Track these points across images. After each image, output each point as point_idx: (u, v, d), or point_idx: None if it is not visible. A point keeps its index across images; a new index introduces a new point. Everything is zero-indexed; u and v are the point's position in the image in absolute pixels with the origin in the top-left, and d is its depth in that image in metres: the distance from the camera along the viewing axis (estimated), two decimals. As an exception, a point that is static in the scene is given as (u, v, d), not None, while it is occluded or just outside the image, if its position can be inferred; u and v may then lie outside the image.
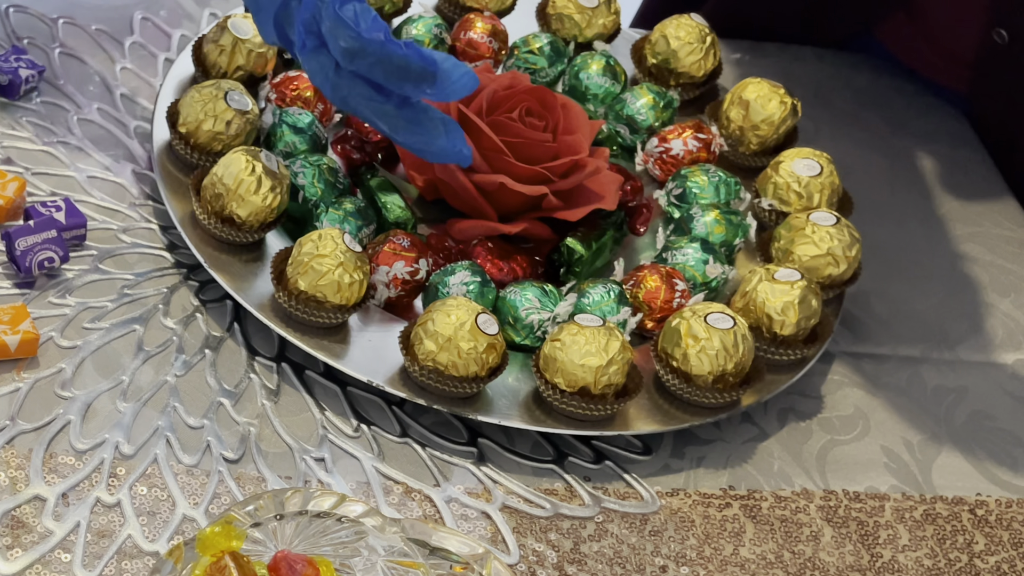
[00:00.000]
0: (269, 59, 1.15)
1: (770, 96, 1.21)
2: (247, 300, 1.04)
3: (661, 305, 1.09)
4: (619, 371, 1.02)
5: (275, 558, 0.84)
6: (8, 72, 1.14)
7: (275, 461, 0.99)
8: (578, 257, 1.12)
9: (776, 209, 1.16)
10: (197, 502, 0.96)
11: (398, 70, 0.98)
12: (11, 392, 0.98)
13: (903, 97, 1.40)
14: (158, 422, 0.99)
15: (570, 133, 1.13)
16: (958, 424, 1.14)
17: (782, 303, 1.07)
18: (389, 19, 1.24)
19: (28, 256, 1.03)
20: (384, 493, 0.99)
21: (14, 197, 1.06)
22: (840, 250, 1.11)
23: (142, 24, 1.24)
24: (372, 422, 1.03)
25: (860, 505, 1.06)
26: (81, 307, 1.04)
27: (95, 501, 0.94)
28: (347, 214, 1.08)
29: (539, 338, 1.06)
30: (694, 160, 1.19)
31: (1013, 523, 1.08)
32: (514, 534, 0.99)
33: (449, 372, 1.01)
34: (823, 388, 1.13)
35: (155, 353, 1.03)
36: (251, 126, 1.10)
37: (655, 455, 1.06)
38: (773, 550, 1.03)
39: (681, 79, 1.25)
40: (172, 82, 1.16)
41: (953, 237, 1.28)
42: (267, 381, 1.03)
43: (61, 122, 1.15)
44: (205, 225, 1.06)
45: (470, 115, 1.10)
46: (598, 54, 1.24)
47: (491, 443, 1.04)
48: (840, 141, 1.32)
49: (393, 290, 1.06)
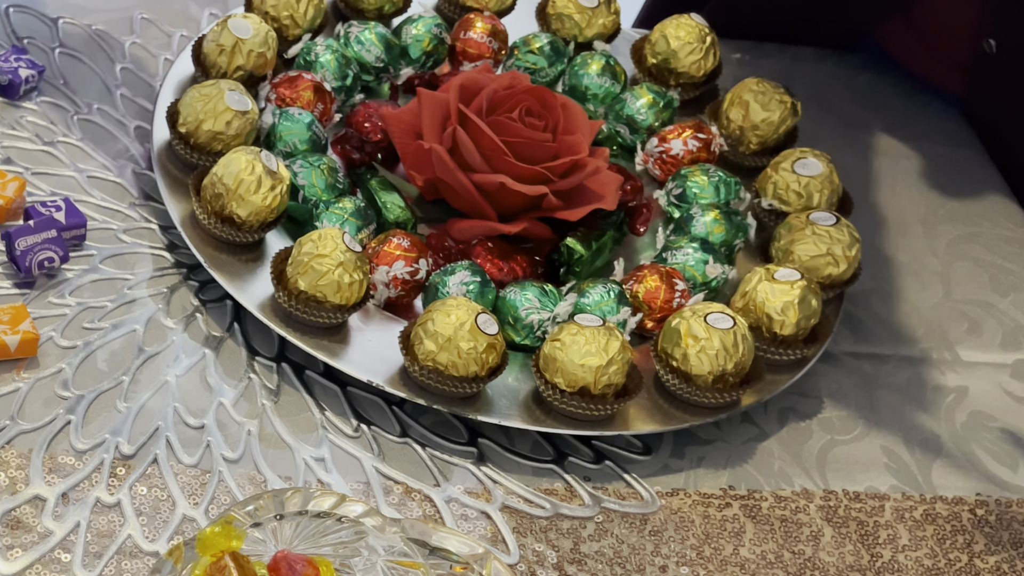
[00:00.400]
0: (269, 59, 1.15)
1: (770, 96, 1.21)
2: (247, 300, 1.04)
3: (661, 305, 1.09)
4: (619, 371, 1.02)
5: (275, 558, 0.84)
6: (8, 72, 1.14)
7: (275, 461, 0.99)
8: (578, 257, 1.12)
9: (776, 209, 1.16)
10: (197, 502, 0.96)
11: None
12: (11, 392, 0.98)
13: (903, 97, 1.40)
14: (158, 422, 0.99)
15: (570, 133, 1.13)
16: (958, 424, 1.14)
17: (782, 303, 1.07)
18: (389, 19, 1.25)
19: (28, 256, 1.03)
20: (384, 493, 0.99)
21: (14, 197, 1.06)
22: (840, 250, 1.11)
23: (142, 24, 1.24)
24: (372, 422, 1.03)
25: (860, 505, 1.06)
26: (81, 307, 1.04)
27: (95, 501, 0.94)
28: (347, 214, 1.08)
29: (539, 338, 1.06)
30: (694, 160, 1.19)
31: (1013, 523, 1.08)
32: (514, 534, 0.99)
33: (449, 372, 1.01)
34: (823, 388, 1.13)
35: (155, 353, 1.03)
36: (251, 126, 1.10)
37: (655, 455, 1.06)
38: (773, 550, 1.03)
39: (681, 79, 1.25)
40: (172, 82, 1.16)
41: (953, 237, 1.28)
42: (267, 381, 1.03)
43: (61, 122, 1.15)
44: (205, 225, 1.06)
45: (470, 115, 1.11)
46: (598, 54, 1.24)
47: (491, 443, 1.04)
48: (840, 141, 1.32)
49: (393, 290, 1.06)
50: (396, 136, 1.13)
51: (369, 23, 1.20)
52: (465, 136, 1.10)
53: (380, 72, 1.20)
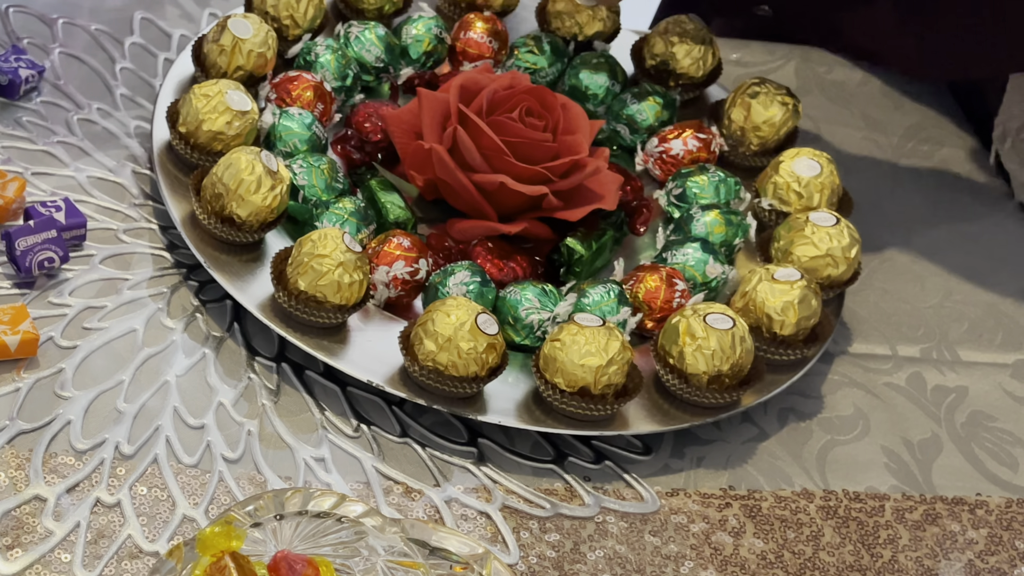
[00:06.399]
0: (269, 59, 1.15)
1: (772, 97, 1.21)
2: (247, 300, 1.04)
3: (661, 305, 1.09)
4: (619, 371, 1.02)
5: (275, 558, 0.84)
6: (8, 72, 1.14)
7: (275, 461, 0.99)
8: (578, 257, 1.12)
9: (776, 209, 1.16)
10: (197, 502, 0.96)
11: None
12: (11, 392, 0.98)
13: (904, 97, 1.39)
14: (158, 422, 0.99)
15: (570, 133, 1.13)
16: (958, 424, 1.14)
17: (782, 303, 1.07)
18: (389, 19, 1.24)
19: (28, 256, 1.03)
20: (384, 493, 0.99)
21: (14, 197, 1.06)
22: (839, 251, 1.11)
23: (142, 24, 1.24)
24: (372, 422, 1.03)
25: (860, 505, 1.06)
26: (81, 307, 1.04)
27: (95, 501, 0.94)
28: (347, 214, 1.08)
29: (539, 338, 1.06)
30: (694, 160, 1.19)
31: (1013, 523, 1.08)
32: (514, 534, 0.99)
33: (449, 372, 1.01)
34: (823, 388, 1.13)
35: (155, 353, 1.03)
36: (251, 126, 1.10)
37: (655, 455, 1.06)
38: (773, 550, 1.03)
39: (681, 80, 1.25)
40: (172, 82, 1.16)
41: (953, 237, 1.28)
42: (267, 381, 1.03)
43: (61, 122, 1.15)
44: (205, 225, 1.06)
45: (470, 115, 1.11)
46: (598, 54, 1.24)
47: (491, 443, 1.04)
48: (840, 141, 1.32)
49: (393, 290, 1.06)
50: (396, 136, 1.13)
51: (369, 23, 1.20)
52: (465, 136, 1.10)
53: (380, 72, 1.20)
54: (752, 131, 1.21)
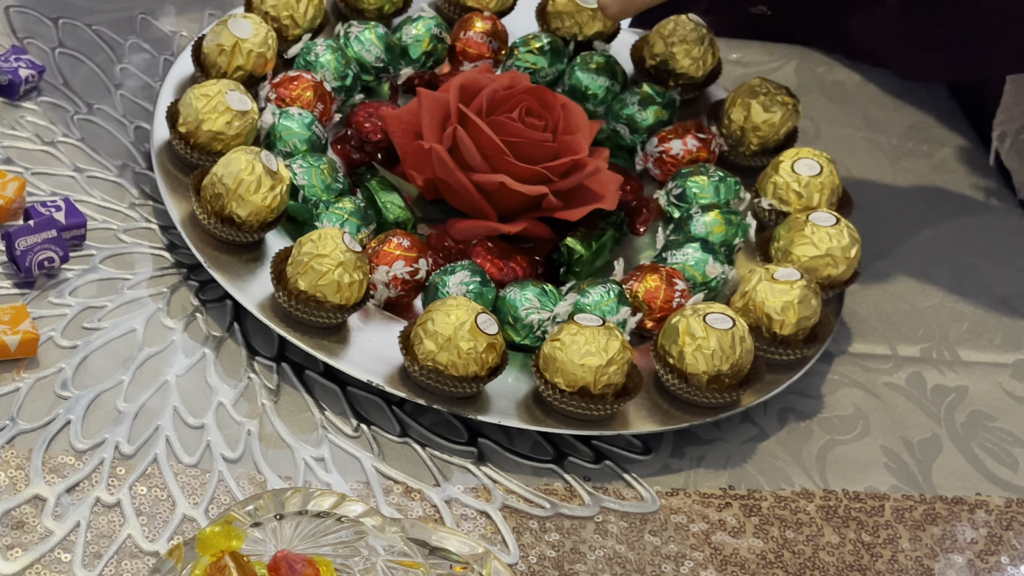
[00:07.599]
0: (269, 59, 1.15)
1: (772, 97, 1.21)
2: (247, 300, 1.04)
3: (661, 305, 1.09)
4: (619, 371, 1.02)
5: (275, 558, 0.84)
6: (8, 72, 1.14)
7: (275, 461, 0.99)
8: (578, 257, 1.12)
9: (776, 209, 1.16)
10: (197, 502, 0.96)
11: None
12: (11, 392, 0.98)
13: (904, 97, 1.40)
14: (158, 422, 0.99)
15: (570, 133, 1.13)
16: (958, 424, 1.14)
17: (782, 303, 1.07)
18: (389, 19, 1.25)
19: (28, 256, 1.03)
20: (384, 493, 1.00)
21: (14, 197, 1.06)
22: (839, 251, 1.11)
23: (142, 24, 1.24)
24: (372, 422, 1.03)
25: (860, 505, 1.06)
26: (81, 307, 1.04)
27: (95, 501, 0.94)
28: (347, 214, 1.08)
29: (539, 338, 1.07)
30: (694, 160, 1.19)
31: (1013, 523, 1.08)
32: (514, 534, 0.99)
33: (449, 372, 1.01)
34: (823, 388, 1.13)
35: (155, 353, 1.03)
36: (251, 126, 1.10)
37: (655, 455, 1.06)
38: (773, 550, 1.03)
39: (680, 80, 1.25)
40: (172, 82, 1.16)
41: (953, 237, 1.28)
42: (267, 381, 1.03)
43: (61, 122, 1.15)
44: (205, 225, 1.06)
45: (470, 115, 1.11)
46: (598, 54, 1.24)
47: (491, 443, 1.04)
48: (840, 141, 1.32)
49: (393, 290, 1.07)
50: (396, 136, 1.13)
51: (369, 23, 1.20)
52: (465, 136, 1.10)
53: (380, 72, 1.20)
54: (752, 131, 1.21)
